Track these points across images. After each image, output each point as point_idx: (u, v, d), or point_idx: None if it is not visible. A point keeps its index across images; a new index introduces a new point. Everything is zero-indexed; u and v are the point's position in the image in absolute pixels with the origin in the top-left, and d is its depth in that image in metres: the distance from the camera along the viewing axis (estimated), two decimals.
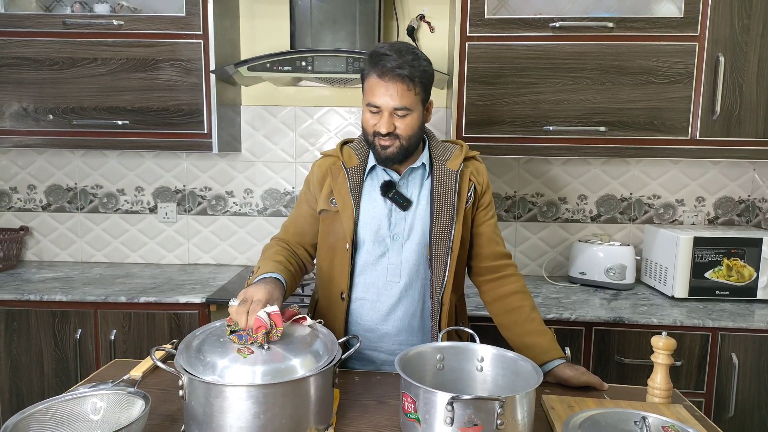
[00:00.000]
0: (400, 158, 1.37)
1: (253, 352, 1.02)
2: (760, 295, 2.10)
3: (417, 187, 1.42)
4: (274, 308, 1.11)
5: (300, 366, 1.02)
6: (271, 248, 1.46)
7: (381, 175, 1.42)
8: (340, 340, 1.15)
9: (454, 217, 1.38)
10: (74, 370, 2.05)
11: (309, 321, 1.18)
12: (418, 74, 1.30)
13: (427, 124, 1.44)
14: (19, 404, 2.07)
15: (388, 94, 1.29)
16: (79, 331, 2.03)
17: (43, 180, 2.58)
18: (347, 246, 1.40)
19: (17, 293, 2.03)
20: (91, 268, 2.49)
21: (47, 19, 2.14)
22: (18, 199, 2.60)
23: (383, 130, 1.31)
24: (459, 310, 1.50)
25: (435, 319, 1.41)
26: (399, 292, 1.41)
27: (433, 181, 1.41)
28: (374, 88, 1.31)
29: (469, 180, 1.42)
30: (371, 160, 1.42)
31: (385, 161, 1.37)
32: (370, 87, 1.32)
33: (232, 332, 1.09)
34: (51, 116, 2.19)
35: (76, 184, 2.58)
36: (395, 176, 1.42)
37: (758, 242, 2.09)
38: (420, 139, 1.40)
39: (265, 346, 1.04)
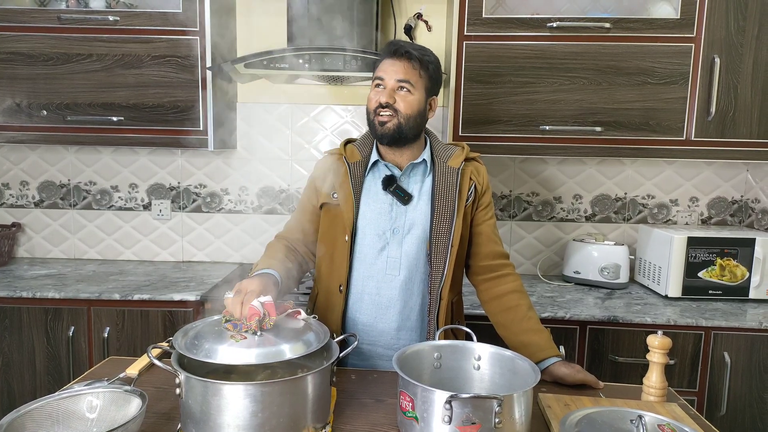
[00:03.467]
0: (396, 136, 1.39)
1: (246, 338, 1.05)
2: (752, 295, 2.12)
3: (418, 183, 1.44)
4: (267, 298, 1.14)
5: (289, 351, 1.04)
6: (272, 246, 1.49)
7: (383, 171, 1.44)
8: (338, 339, 1.16)
9: (455, 213, 1.40)
10: (67, 368, 2.04)
11: (303, 315, 1.19)
12: (426, 60, 1.40)
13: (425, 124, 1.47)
14: (11, 402, 2.05)
15: (393, 68, 1.38)
16: (72, 328, 2.02)
17: (36, 176, 2.56)
18: (346, 238, 1.40)
19: (9, 290, 2.01)
20: (84, 265, 2.47)
21: (42, 14, 2.12)
22: (10, 195, 2.57)
23: (383, 100, 1.37)
24: (456, 309, 1.51)
25: (433, 314, 1.42)
26: (398, 286, 1.42)
27: (435, 177, 1.43)
28: (383, 66, 1.40)
29: (470, 179, 1.44)
30: (374, 156, 1.45)
31: (381, 138, 1.40)
32: (380, 66, 1.40)
33: (227, 321, 1.12)
34: (45, 112, 2.17)
35: (69, 180, 2.56)
36: (397, 172, 1.43)
37: (751, 242, 2.11)
38: (419, 125, 1.43)
39: (258, 333, 1.07)
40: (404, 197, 1.41)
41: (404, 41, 1.44)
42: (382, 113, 1.37)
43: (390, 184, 1.41)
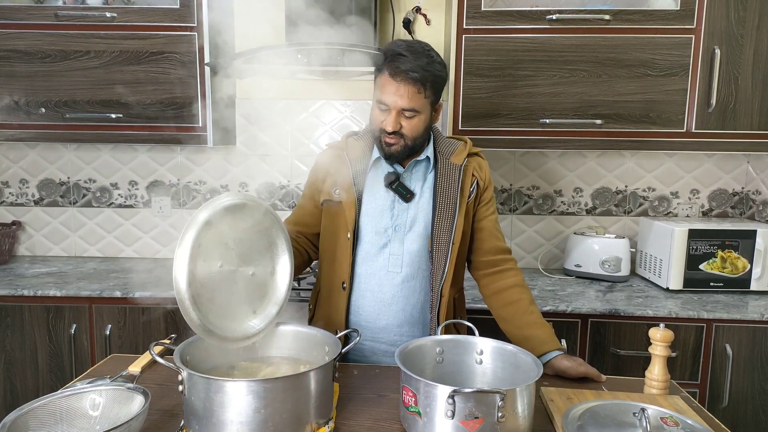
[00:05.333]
0: (403, 156, 1.39)
1: None
2: (753, 287, 2.12)
3: (420, 180, 1.43)
4: None
5: None
6: None
7: (384, 167, 1.43)
8: (340, 334, 1.16)
9: (457, 210, 1.39)
10: (69, 366, 2.04)
11: None
12: (430, 78, 1.31)
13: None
14: (13, 400, 2.06)
15: (398, 94, 1.31)
16: (74, 326, 2.02)
17: (36, 174, 2.56)
18: (348, 236, 1.40)
19: (10, 288, 2.01)
20: (84, 262, 2.47)
21: (39, 11, 2.11)
22: (10, 193, 2.57)
23: (389, 129, 1.33)
24: (458, 304, 1.51)
25: (434, 310, 1.42)
26: (400, 283, 1.42)
27: (437, 174, 1.42)
28: (385, 86, 1.32)
29: (472, 175, 1.44)
30: (375, 152, 1.44)
31: (388, 158, 1.40)
32: (382, 84, 1.33)
33: None
34: (43, 110, 2.16)
35: (69, 178, 2.55)
36: (399, 168, 1.43)
37: (752, 234, 2.10)
38: (426, 139, 1.42)
39: None
40: (406, 195, 1.41)
41: (403, 48, 1.31)
42: (388, 137, 1.35)
43: (392, 181, 1.41)
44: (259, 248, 1.16)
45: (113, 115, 2.15)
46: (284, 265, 1.20)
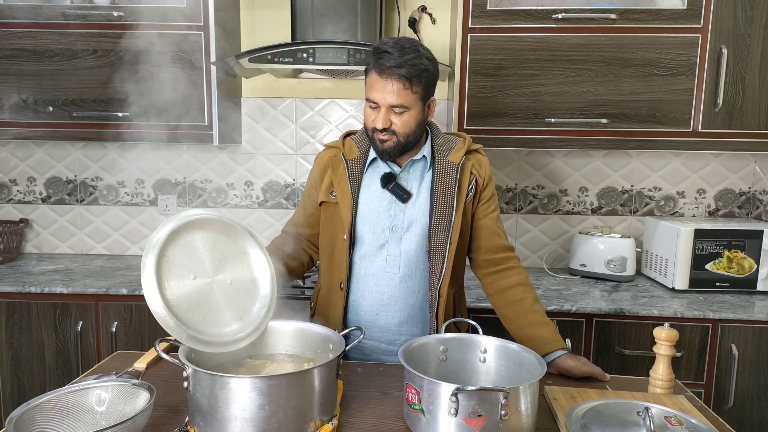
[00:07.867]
0: (397, 153, 1.39)
1: None
2: (760, 287, 2.11)
3: (417, 180, 1.43)
4: None
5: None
6: (274, 241, 1.50)
7: (381, 167, 1.43)
8: (343, 332, 1.16)
9: (454, 210, 1.38)
10: (75, 363, 2.06)
11: None
12: (416, 73, 1.30)
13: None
14: (20, 396, 2.07)
15: (385, 91, 1.31)
16: (80, 323, 2.03)
17: (43, 172, 2.58)
18: (345, 237, 1.40)
19: (18, 285, 2.03)
20: (91, 260, 2.48)
21: (46, 11, 2.12)
22: (18, 191, 2.59)
23: (379, 126, 1.33)
24: (458, 302, 1.51)
25: (433, 310, 1.42)
26: (398, 283, 1.42)
27: (434, 173, 1.41)
28: (373, 84, 1.33)
29: (471, 173, 1.42)
30: (372, 153, 1.43)
31: (382, 155, 1.39)
32: (370, 83, 1.34)
33: None
34: (51, 108, 2.17)
35: (75, 176, 2.57)
36: (396, 168, 1.42)
37: (759, 234, 2.09)
38: (419, 135, 1.41)
39: None
40: (403, 195, 1.40)
41: (389, 46, 1.30)
42: (380, 135, 1.35)
43: (388, 181, 1.40)
44: (232, 258, 1.18)
45: (120, 114, 2.16)
46: (263, 270, 1.21)
